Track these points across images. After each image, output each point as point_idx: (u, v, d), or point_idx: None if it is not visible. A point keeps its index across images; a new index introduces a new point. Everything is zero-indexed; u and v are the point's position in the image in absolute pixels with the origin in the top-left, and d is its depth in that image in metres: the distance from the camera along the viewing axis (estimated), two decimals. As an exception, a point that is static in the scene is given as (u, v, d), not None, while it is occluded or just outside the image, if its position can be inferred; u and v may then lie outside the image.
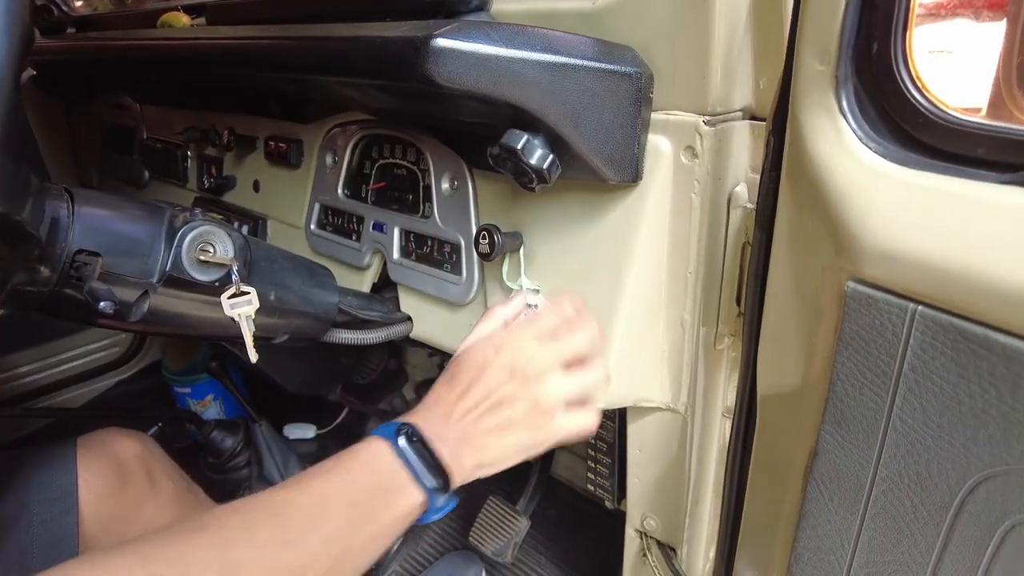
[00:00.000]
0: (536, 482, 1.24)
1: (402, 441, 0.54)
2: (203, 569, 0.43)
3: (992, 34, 0.48)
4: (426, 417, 0.57)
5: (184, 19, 1.05)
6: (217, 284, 0.62)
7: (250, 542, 0.45)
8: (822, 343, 0.46)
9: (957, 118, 0.39)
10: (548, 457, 1.28)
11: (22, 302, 0.56)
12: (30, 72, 1.49)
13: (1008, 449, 0.37)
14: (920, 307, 0.39)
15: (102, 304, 0.51)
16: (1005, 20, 0.48)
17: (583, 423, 0.60)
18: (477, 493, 1.34)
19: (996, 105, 0.48)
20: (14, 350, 1.52)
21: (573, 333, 0.60)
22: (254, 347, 0.64)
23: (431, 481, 0.53)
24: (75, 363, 1.62)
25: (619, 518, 0.88)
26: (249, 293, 0.62)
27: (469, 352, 0.60)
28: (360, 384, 1.42)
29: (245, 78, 0.85)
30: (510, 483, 1.33)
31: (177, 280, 0.61)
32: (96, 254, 0.57)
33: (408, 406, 1.49)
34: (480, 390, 0.57)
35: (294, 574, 0.46)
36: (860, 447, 0.45)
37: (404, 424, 0.56)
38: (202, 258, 0.61)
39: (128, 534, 0.81)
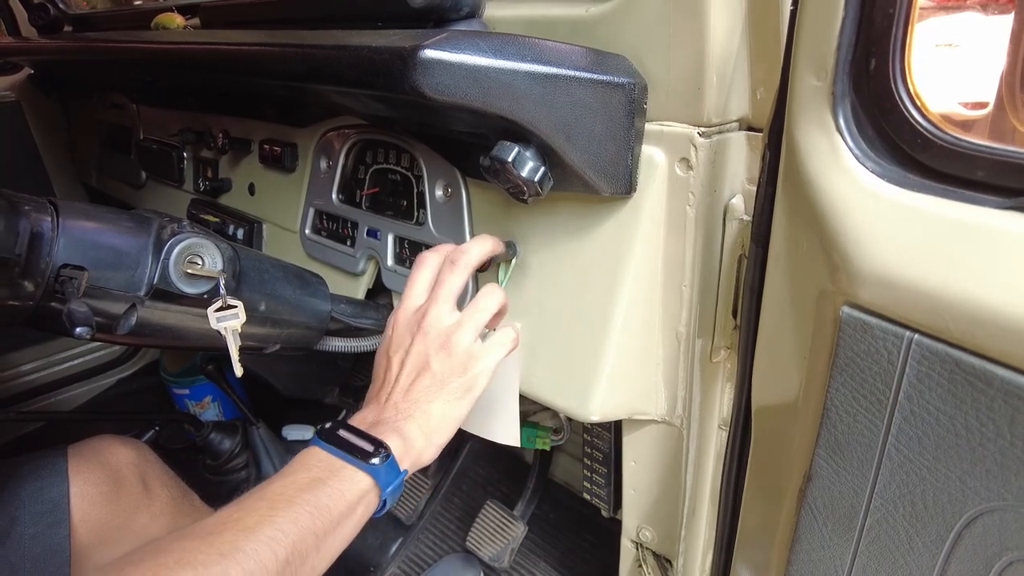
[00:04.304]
0: (534, 486, 1.23)
1: (325, 435, 0.56)
2: None
3: (1000, 28, 0.46)
4: (359, 414, 0.59)
5: (178, 20, 1.04)
6: (205, 296, 0.62)
7: (188, 563, 0.44)
8: (816, 365, 0.45)
9: (957, 139, 0.37)
10: (546, 461, 1.27)
11: (6, 317, 0.55)
12: (28, 71, 1.49)
13: (1006, 485, 0.36)
14: (916, 335, 0.37)
15: (78, 330, 0.50)
16: (1013, 14, 0.46)
17: (503, 340, 0.62)
18: (475, 497, 1.34)
19: (999, 107, 0.47)
20: (12, 349, 1.52)
21: (448, 274, 0.61)
22: (239, 361, 0.63)
23: (368, 458, 0.53)
24: (74, 362, 1.62)
25: (617, 524, 0.87)
26: (236, 306, 0.61)
27: (377, 353, 0.64)
28: (358, 386, 1.42)
29: (237, 83, 0.84)
30: (508, 486, 1.32)
31: (165, 293, 0.60)
32: (82, 268, 0.56)
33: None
34: (393, 370, 0.60)
35: None
36: (854, 474, 0.44)
37: (328, 424, 0.57)
38: (190, 271, 0.60)
39: (122, 542, 0.81)
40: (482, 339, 0.61)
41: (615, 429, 0.89)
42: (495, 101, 0.51)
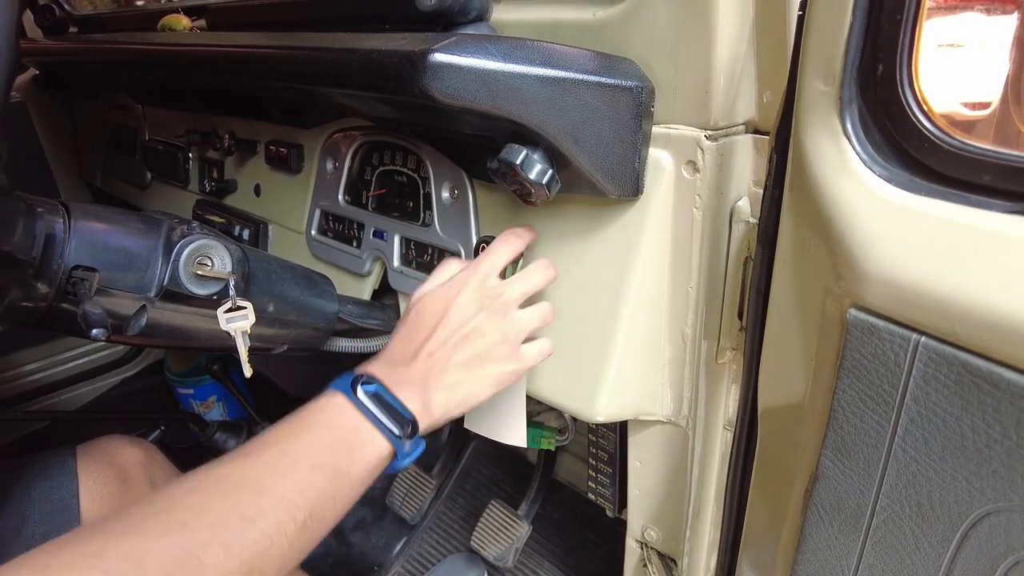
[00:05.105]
0: (538, 486, 1.24)
1: (360, 393, 0.54)
2: (162, 559, 0.40)
3: (1003, 29, 0.47)
4: (388, 362, 0.57)
5: (184, 21, 1.04)
6: (215, 297, 0.62)
7: (209, 523, 0.43)
8: (823, 367, 0.46)
9: (963, 143, 0.38)
10: (550, 461, 1.28)
11: (19, 318, 0.56)
12: (33, 72, 1.49)
13: (1012, 486, 0.36)
14: (923, 338, 0.38)
15: (95, 331, 0.51)
16: (1016, 15, 0.46)
17: (543, 349, 0.63)
18: (479, 497, 1.34)
19: (1003, 108, 0.47)
20: (18, 348, 1.53)
21: (531, 271, 0.61)
22: (248, 361, 0.64)
23: (396, 429, 0.53)
24: (79, 361, 1.63)
25: (621, 523, 0.87)
26: (245, 308, 0.62)
27: (429, 296, 0.61)
28: (362, 386, 1.42)
29: (244, 85, 0.85)
30: (512, 486, 1.33)
31: (175, 294, 0.60)
32: (93, 269, 0.56)
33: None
34: (446, 329, 0.58)
35: (259, 547, 0.44)
36: (861, 475, 0.44)
37: (361, 375, 0.55)
38: (199, 272, 0.61)
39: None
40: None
41: (620, 429, 0.89)
42: (504, 104, 0.51)
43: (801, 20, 0.44)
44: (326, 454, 0.50)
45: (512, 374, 0.60)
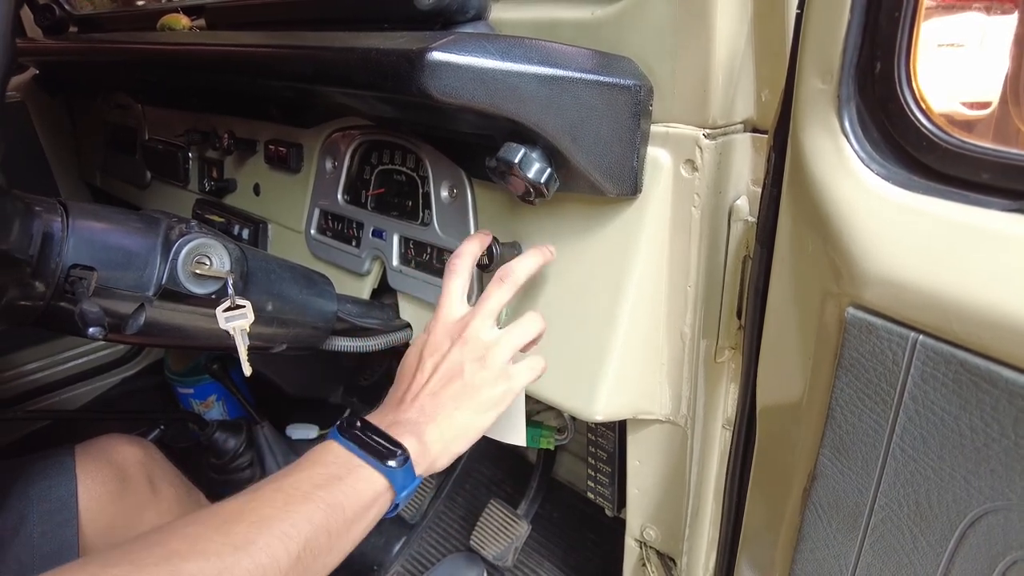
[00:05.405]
0: (537, 485, 1.24)
1: (349, 433, 0.55)
2: None
3: (1003, 28, 0.46)
4: (379, 412, 0.59)
5: (184, 21, 1.04)
6: (213, 296, 0.62)
7: (200, 552, 0.44)
8: (821, 366, 0.46)
9: (962, 142, 0.38)
10: (550, 460, 1.28)
11: (17, 317, 0.56)
12: (33, 71, 1.49)
13: (1010, 484, 0.36)
14: (921, 336, 0.38)
15: (91, 330, 0.50)
16: (1016, 15, 0.46)
17: (532, 366, 0.63)
18: (479, 496, 1.34)
19: (1002, 107, 0.47)
20: (17, 348, 1.53)
21: (495, 290, 0.62)
22: (248, 360, 0.63)
23: (386, 459, 0.53)
24: (78, 361, 1.63)
25: (620, 522, 0.87)
26: (244, 306, 0.62)
27: (409, 350, 0.64)
28: (363, 386, 1.42)
29: (244, 84, 0.85)
30: (512, 485, 1.33)
31: (173, 293, 0.60)
32: (91, 268, 0.56)
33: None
34: (423, 372, 0.60)
35: None
36: (859, 474, 0.44)
37: (352, 420, 0.57)
38: (198, 271, 0.61)
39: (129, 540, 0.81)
40: (513, 362, 0.63)
41: (619, 428, 0.89)
42: (502, 103, 0.51)
43: (799, 18, 0.44)
44: (319, 489, 0.51)
45: (505, 395, 0.61)
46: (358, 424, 0.56)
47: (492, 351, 0.60)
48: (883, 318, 0.39)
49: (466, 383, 0.59)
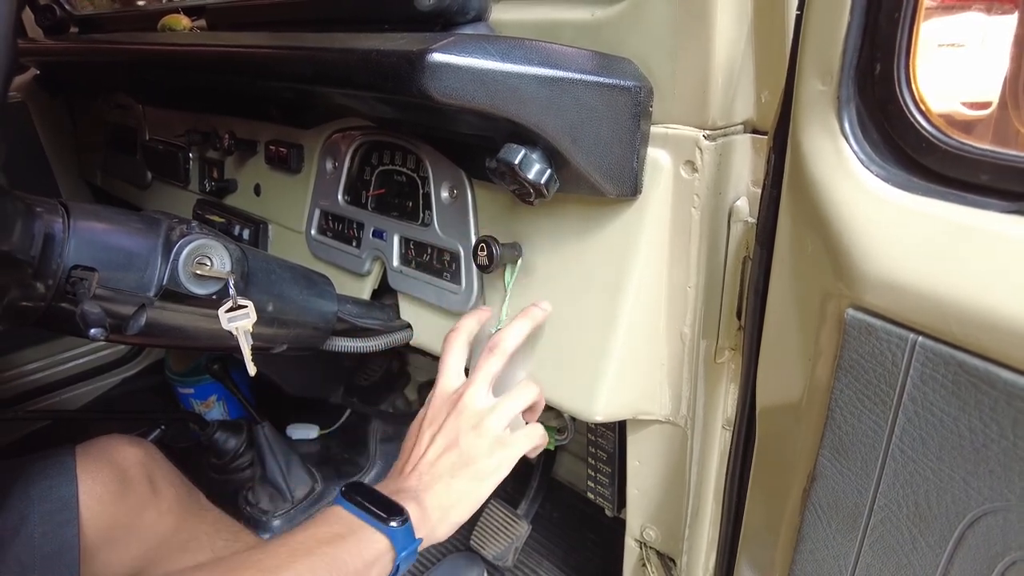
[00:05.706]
0: (538, 485, 1.24)
1: (350, 497, 0.58)
2: None
3: (1003, 29, 0.47)
4: (380, 483, 0.62)
5: (184, 21, 1.04)
6: (215, 297, 0.62)
7: None
8: (821, 367, 0.46)
9: (961, 143, 0.38)
10: (550, 461, 1.28)
11: (18, 318, 0.56)
12: (33, 72, 1.50)
13: (1009, 485, 0.36)
14: (920, 338, 0.38)
15: (93, 331, 0.51)
16: (1017, 15, 0.46)
17: (531, 435, 0.65)
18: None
19: (1002, 108, 0.47)
20: (18, 348, 1.53)
21: (486, 360, 0.64)
22: (252, 360, 0.64)
23: (387, 520, 0.56)
24: (79, 361, 1.63)
25: (620, 523, 0.87)
26: (247, 307, 0.62)
27: (409, 426, 0.67)
28: (362, 386, 1.42)
29: (243, 84, 0.85)
30: (512, 485, 1.33)
31: (174, 294, 0.60)
32: (92, 269, 0.57)
33: (410, 407, 1.49)
34: (420, 445, 0.63)
35: None
36: (858, 474, 0.44)
37: (350, 484, 0.60)
38: (199, 272, 0.61)
39: (130, 540, 0.81)
40: (511, 430, 0.64)
41: (619, 429, 0.89)
42: (502, 104, 0.51)
43: (799, 20, 0.44)
44: (324, 545, 0.53)
45: (502, 463, 0.63)
46: (362, 490, 0.59)
47: (487, 419, 0.62)
48: (882, 319, 0.40)
49: (462, 452, 0.61)
